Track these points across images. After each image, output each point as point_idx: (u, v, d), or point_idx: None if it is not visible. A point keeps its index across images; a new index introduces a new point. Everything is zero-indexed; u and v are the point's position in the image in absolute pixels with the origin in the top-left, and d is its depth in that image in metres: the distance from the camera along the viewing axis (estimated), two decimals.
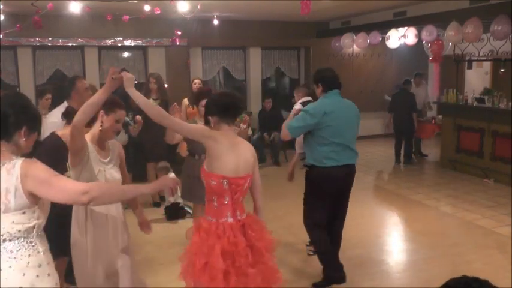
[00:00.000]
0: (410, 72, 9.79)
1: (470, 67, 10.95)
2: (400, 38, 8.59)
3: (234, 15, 9.10)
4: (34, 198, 1.91)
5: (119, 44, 9.22)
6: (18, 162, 1.88)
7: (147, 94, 6.28)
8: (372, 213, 6.02)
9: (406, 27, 8.45)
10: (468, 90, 9.59)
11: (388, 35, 8.77)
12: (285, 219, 5.49)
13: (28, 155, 2.02)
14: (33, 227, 1.93)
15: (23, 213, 1.89)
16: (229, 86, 10.86)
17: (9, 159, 1.90)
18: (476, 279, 1.34)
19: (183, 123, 2.79)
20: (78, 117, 2.57)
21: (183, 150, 4.68)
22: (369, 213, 5.99)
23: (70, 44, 8.93)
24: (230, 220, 2.65)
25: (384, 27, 8.85)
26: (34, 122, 2.03)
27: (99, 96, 2.59)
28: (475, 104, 7.99)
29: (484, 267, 4.36)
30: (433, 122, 9.06)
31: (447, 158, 8.46)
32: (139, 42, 9.35)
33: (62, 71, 9.10)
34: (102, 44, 9.09)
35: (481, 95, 8.19)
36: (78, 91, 4.18)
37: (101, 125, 2.83)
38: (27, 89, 8.43)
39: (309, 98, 4.56)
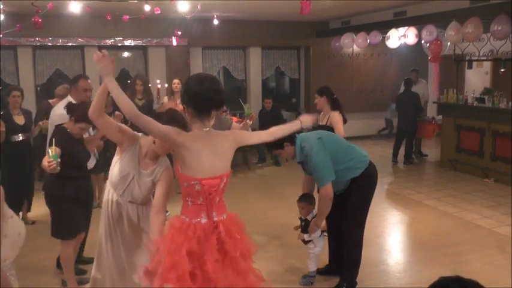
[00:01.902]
0: (410, 72, 9.78)
1: (470, 67, 10.95)
2: (400, 37, 8.57)
3: (234, 15, 9.10)
4: None
5: (119, 44, 9.22)
6: None
7: (133, 94, 6.51)
8: (372, 213, 5.96)
9: (406, 27, 8.45)
10: (468, 90, 9.59)
11: (388, 34, 8.76)
12: (285, 219, 5.49)
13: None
14: None
15: None
16: (229, 85, 10.87)
17: None
18: (455, 280, 1.28)
19: (156, 125, 2.54)
20: (90, 108, 2.74)
21: None
22: (368, 213, 5.98)
23: (70, 44, 8.93)
24: (204, 221, 2.56)
25: (384, 27, 8.84)
26: None
27: (102, 86, 2.70)
28: (475, 103, 7.98)
29: (484, 267, 4.36)
30: (433, 122, 9.05)
31: (447, 157, 8.46)
32: (139, 42, 9.35)
33: (62, 70, 9.11)
34: (102, 43, 9.07)
35: (481, 94, 8.18)
36: (77, 88, 4.48)
37: (154, 140, 2.84)
38: (27, 89, 8.40)
39: (315, 213, 4.09)
